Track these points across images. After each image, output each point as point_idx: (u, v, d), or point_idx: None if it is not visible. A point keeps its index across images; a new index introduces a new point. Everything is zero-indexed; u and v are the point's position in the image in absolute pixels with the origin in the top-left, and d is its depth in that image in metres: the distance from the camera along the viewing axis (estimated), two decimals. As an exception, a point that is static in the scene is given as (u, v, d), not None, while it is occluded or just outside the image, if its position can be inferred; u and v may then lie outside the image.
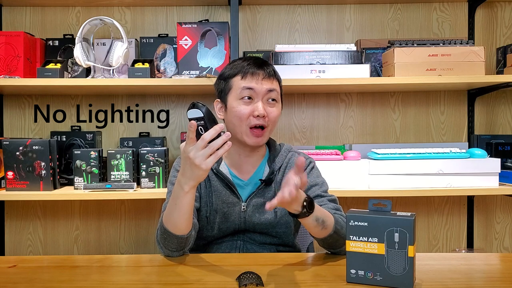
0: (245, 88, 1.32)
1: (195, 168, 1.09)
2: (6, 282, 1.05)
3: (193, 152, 1.08)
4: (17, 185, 1.95)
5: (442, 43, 2.01)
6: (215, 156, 1.08)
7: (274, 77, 1.36)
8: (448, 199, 2.35)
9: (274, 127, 1.38)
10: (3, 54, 2.04)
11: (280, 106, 1.38)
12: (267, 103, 1.34)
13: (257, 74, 1.33)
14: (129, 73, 1.96)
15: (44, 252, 2.33)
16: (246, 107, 1.32)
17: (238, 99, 1.33)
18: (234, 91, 1.34)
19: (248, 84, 1.32)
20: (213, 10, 2.31)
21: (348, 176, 1.93)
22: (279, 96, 1.38)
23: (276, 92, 1.35)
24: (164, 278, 1.07)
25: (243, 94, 1.32)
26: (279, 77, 1.40)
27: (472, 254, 1.52)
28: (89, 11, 2.30)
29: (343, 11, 2.33)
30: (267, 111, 1.32)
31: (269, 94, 1.33)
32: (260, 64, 1.35)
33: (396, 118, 2.34)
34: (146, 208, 2.33)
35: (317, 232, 1.17)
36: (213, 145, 1.07)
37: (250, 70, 1.33)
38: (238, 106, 1.32)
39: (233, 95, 1.34)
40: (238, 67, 1.35)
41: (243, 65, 1.35)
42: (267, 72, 1.34)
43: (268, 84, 1.33)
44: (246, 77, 1.33)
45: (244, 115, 1.31)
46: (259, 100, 1.32)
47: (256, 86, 1.32)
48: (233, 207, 1.36)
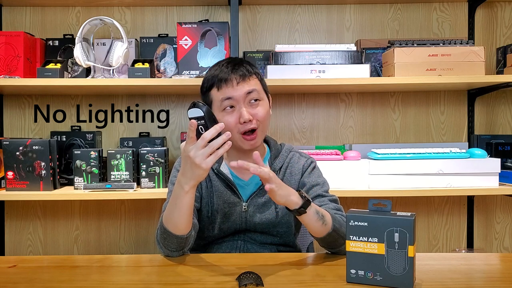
0: (224, 99, 1.29)
1: (195, 167, 1.09)
2: (6, 282, 1.05)
3: (193, 151, 1.08)
4: (17, 185, 1.95)
5: (442, 43, 2.01)
6: (215, 155, 1.08)
7: (249, 76, 1.31)
8: (448, 199, 2.35)
9: (267, 124, 1.36)
10: (3, 54, 2.04)
11: (265, 103, 1.34)
12: (250, 105, 1.31)
13: (230, 80, 1.29)
14: (129, 73, 1.96)
15: (44, 252, 2.33)
16: (231, 117, 1.30)
17: (221, 111, 1.31)
18: (215, 103, 1.32)
19: (225, 94, 1.29)
20: (213, 10, 2.31)
21: (348, 176, 1.93)
22: (261, 93, 1.33)
23: (257, 91, 1.31)
24: (164, 278, 1.07)
25: (224, 105, 1.30)
26: (257, 72, 1.35)
27: (472, 254, 1.52)
28: (89, 11, 2.30)
29: (343, 11, 2.33)
30: (252, 113, 1.30)
31: (249, 96, 1.30)
32: (232, 67, 1.31)
33: (396, 118, 2.34)
34: (146, 208, 2.33)
35: (317, 229, 1.17)
36: (213, 144, 1.07)
37: (223, 78, 1.29)
38: (223, 118, 1.30)
39: (216, 107, 1.32)
40: (211, 78, 1.32)
41: (215, 74, 1.31)
42: (241, 74, 1.30)
43: (245, 87, 1.30)
44: (221, 87, 1.30)
45: (231, 124, 1.29)
46: (241, 106, 1.29)
47: (233, 94, 1.29)
48: (234, 207, 1.36)
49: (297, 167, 1.40)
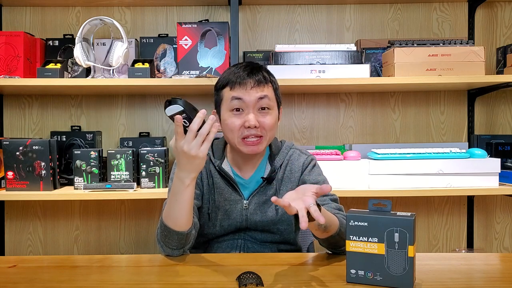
0: (234, 98, 1.29)
1: (192, 159, 1.11)
2: (6, 282, 1.05)
3: (186, 145, 1.10)
4: (17, 185, 1.95)
5: (442, 43, 2.01)
6: (208, 141, 1.11)
7: (265, 83, 1.31)
8: (448, 199, 2.35)
9: (273, 134, 1.36)
10: (3, 54, 2.04)
11: (275, 112, 1.34)
12: (259, 113, 1.30)
13: (245, 84, 1.29)
14: (129, 73, 1.96)
15: (44, 252, 2.33)
16: (237, 119, 1.30)
17: (229, 111, 1.31)
18: (225, 102, 1.32)
19: (237, 94, 1.29)
20: (213, 10, 2.31)
21: (348, 176, 1.93)
22: (273, 102, 1.33)
23: (268, 98, 1.31)
24: (164, 278, 1.07)
25: (233, 105, 1.30)
26: (272, 80, 1.35)
27: (472, 254, 1.52)
28: (89, 11, 2.30)
29: (343, 11, 2.33)
30: (259, 121, 1.29)
31: (260, 103, 1.30)
32: (250, 71, 1.31)
33: (396, 118, 2.34)
34: (146, 208, 2.33)
35: (318, 234, 1.17)
36: (202, 132, 1.09)
37: (238, 80, 1.30)
38: (229, 119, 1.30)
39: (224, 106, 1.32)
40: (227, 77, 1.33)
41: (232, 74, 1.32)
42: (257, 79, 1.30)
43: (258, 92, 1.29)
44: (234, 88, 1.30)
45: (235, 127, 1.29)
46: (250, 111, 1.29)
47: (245, 97, 1.29)
48: (235, 204, 1.37)
49: (297, 164, 1.40)
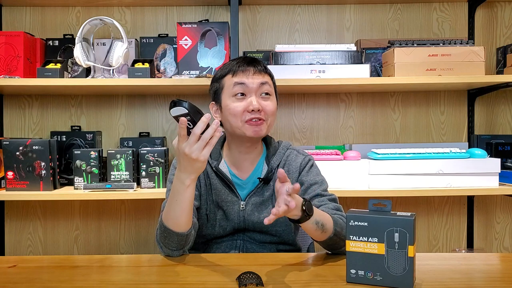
0: (237, 83, 1.32)
1: (193, 162, 1.11)
2: (6, 282, 1.05)
3: (188, 148, 1.10)
4: (17, 185, 1.95)
5: (442, 43, 2.01)
6: (210, 145, 1.11)
7: (265, 72, 1.37)
8: (448, 199, 2.35)
9: (273, 121, 1.38)
10: (3, 54, 2.04)
11: (275, 100, 1.38)
12: (261, 98, 1.34)
13: (248, 70, 1.34)
14: (129, 73, 1.96)
15: (44, 252, 2.33)
16: (240, 104, 1.32)
17: (231, 97, 1.33)
18: (227, 89, 1.34)
19: (239, 79, 1.33)
20: (213, 10, 2.31)
21: (348, 176, 1.93)
22: (272, 90, 1.38)
23: (269, 85, 1.36)
24: (164, 278, 1.07)
25: (236, 90, 1.32)
26: (271, 73, 1.40)
27: (472, 254, 1.52)
28: (89, 11, 2.30)
29: (343, 11, 2.33)
30: (262, 104, 1.32)
31: (261, 88, 1.34)
32: (250, 61, 1.36)
33: (396, 118, 2.34)
34: (146, 208, 2.33)
35: (317, 236, 1.17)
36: (205, 136, 1.09)
37: (240, 68, 1.34)
38: (231, 104, 1.32)
39: (226, 93, 1.34)
40: (228, 67, 1.37)
41: (233, 64, 1.37)
42: (258, 68, 1.35)
43: (260, 78, 1.34)
44: (236, 74, 1.34)
45: (239, 112, 1.31)
46: (252, 95, 1.32)
47: (247, 81, 1.32)
48: (232, 205, 1.37)
49: (295, 165, 1.40)
